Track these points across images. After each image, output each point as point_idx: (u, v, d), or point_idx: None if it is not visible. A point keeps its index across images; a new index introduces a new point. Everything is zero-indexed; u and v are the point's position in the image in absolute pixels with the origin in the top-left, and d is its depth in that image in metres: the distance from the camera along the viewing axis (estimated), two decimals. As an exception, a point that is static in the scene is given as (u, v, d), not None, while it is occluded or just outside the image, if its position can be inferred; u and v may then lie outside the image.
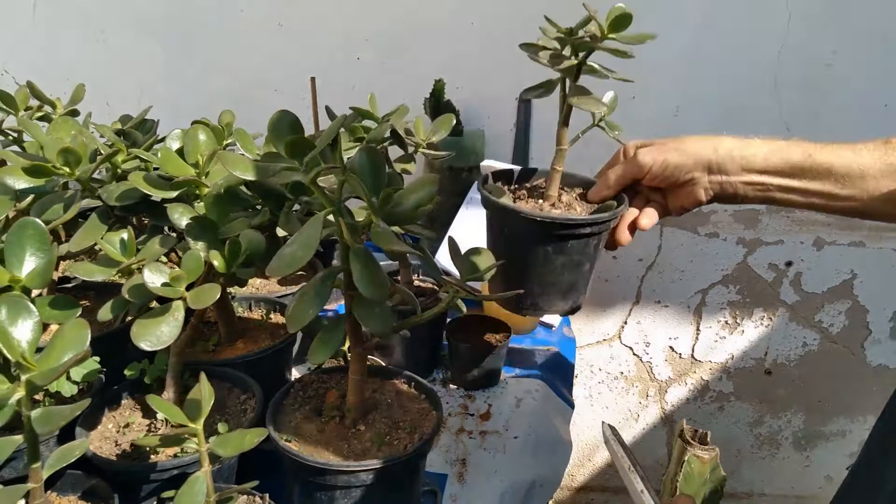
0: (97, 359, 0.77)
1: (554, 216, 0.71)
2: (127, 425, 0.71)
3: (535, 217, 0.70)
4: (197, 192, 0.73)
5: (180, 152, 0.72)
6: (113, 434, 0.70)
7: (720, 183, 0.72)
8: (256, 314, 0.95)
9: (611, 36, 0.70)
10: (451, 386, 1.04)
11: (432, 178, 0.59)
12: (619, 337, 1.68)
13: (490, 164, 1.17)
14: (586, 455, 1.81)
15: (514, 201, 0.78)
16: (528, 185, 0.83)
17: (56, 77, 1.27)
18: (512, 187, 0.83)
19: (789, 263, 1.57)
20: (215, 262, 0.59)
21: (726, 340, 1.66)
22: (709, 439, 1.46)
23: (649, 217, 0.77)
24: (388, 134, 0.93)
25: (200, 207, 0.71)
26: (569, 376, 1.17)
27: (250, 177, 0.58)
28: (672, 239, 1.57)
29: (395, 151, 0.96)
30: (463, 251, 0.71)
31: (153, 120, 1.01)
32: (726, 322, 1.65)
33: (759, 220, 1.54)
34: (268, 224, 0.71)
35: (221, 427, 0.69)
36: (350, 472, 0.63)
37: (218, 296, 0.59)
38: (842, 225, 1.52)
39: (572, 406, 1.10)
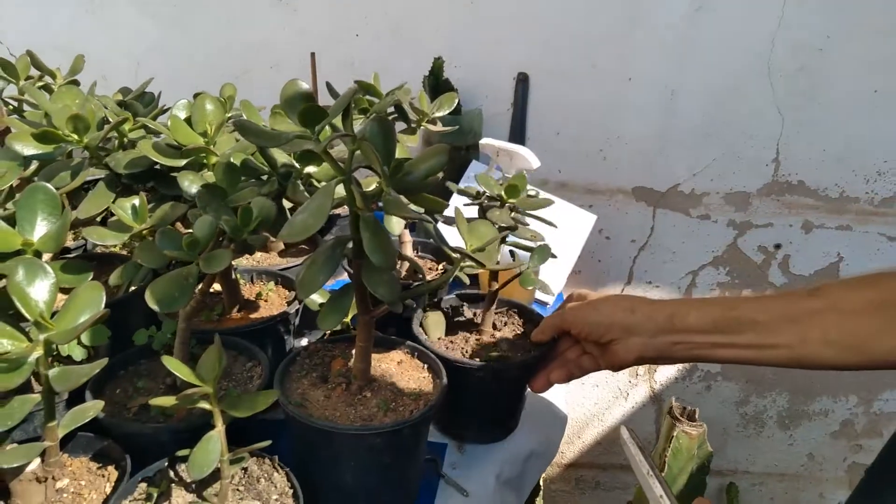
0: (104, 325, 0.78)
1: (441, 353, 0.78)
2: (136, 390, 0.72)
3: (429, 349, 0.78)
4: (204, 161, 0.73)
5: (188, 122, 0.73)
6: (122, 399, 0.71)
7: (643, 344, 0.71)
8: (258, 286, 0.95)
9: (509, 201, 0.83)
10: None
11: (443, 148, 0.60)
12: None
13: (488, 142, 1.18)
14: (576, 433, 1.84)
15: (455, 327, 0.89)
16: (484, 313, 0.89)
17: (49, 50, 1.26)
18: (470, 310, 0.93)
19: (778, 246, 1.60)
20: (227, 228, 0.60)
21: (715, 321, 1.69)
22: (697, 416, 1.50)
23: (564, 372, 0.79)
24: (391, 109, 0.94)
25: (208, 176, 0.71)
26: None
27: (264, 143, 0.58)
28: (664, 220, 1.59)
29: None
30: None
31: (152, 93, 1.01)
32: (715, 303, 1.67)
33: (750, 203, 1.56)
34: (275, 194, 0.72)
35: (232, 392, 0.70)
36: (358, 435, 0.64)
37: (230, 260, 0.60)
38: (830, 209, 1.55)
39: (567, 381, 1.12)
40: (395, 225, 0.95)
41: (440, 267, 1.15)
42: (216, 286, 0.90)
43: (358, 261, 0.64)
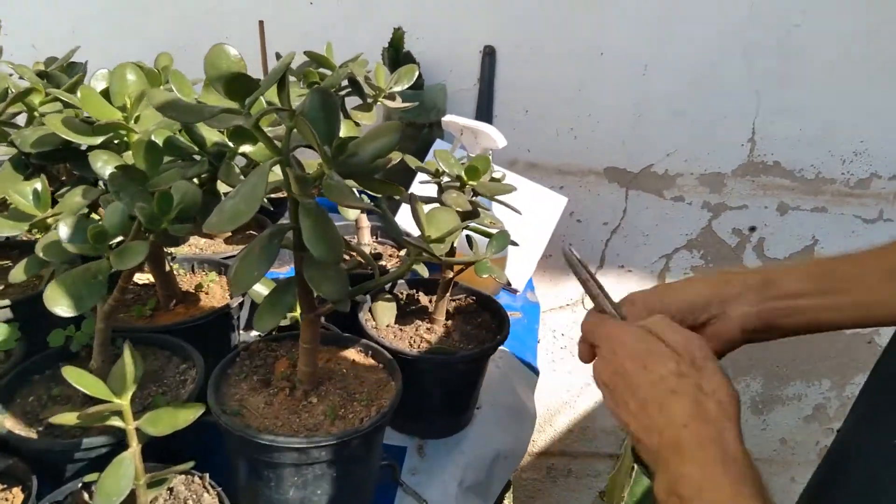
0: (16, 324, 0.70)
1: (387, 343, 0.74)
2: (51, 398, 0.64)
3: (372, 338, 0.74)
4: (126, 138, 0.64)
5: (105, 94, 0.64)
6: (34, 408, 0.63)
7: (745, 315, 0.62)
8: (199, 277, 0.87)
9: (470, 183, 0.76)
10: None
11: (394, 125, 0.52)
12: (583, 302, 1.66)
13: (452, 119, 1.10)
14: (547, 420, 1.80)
15: (408, 315, 0.83)
16: (438, 302, 0.83)
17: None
18: (426, 297, 0.87)
19: (753, 228, 1.56)
20: (141, 217, 0.51)
21: (688, 305, 1.65)
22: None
23: None
24: (345, 81, 0.86)
25: (129, 157, 0.63)
26: (533, 342, 1.13)
27: (182, 119, 0.50)
28: (637, 202, 1.53)
29: (351, 104, 0.89)
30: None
31: (81, 63, 0.91)
32: (689, 287, 1.63)
33: (725, 185, 1.51)
34: (207, 177, 0.64)
35: (158, 400, 0.63)
36: (300, 449, 0.57)
37: (145, 255, 0.51)
38: (805, 190, 1.51)
39: (537, 373, 1.06)
40: (350, 210, 0.87)
41: (401, 253, 1.07)
42: (149, 277, 0.81)
43: (300, 253, 0.57)
